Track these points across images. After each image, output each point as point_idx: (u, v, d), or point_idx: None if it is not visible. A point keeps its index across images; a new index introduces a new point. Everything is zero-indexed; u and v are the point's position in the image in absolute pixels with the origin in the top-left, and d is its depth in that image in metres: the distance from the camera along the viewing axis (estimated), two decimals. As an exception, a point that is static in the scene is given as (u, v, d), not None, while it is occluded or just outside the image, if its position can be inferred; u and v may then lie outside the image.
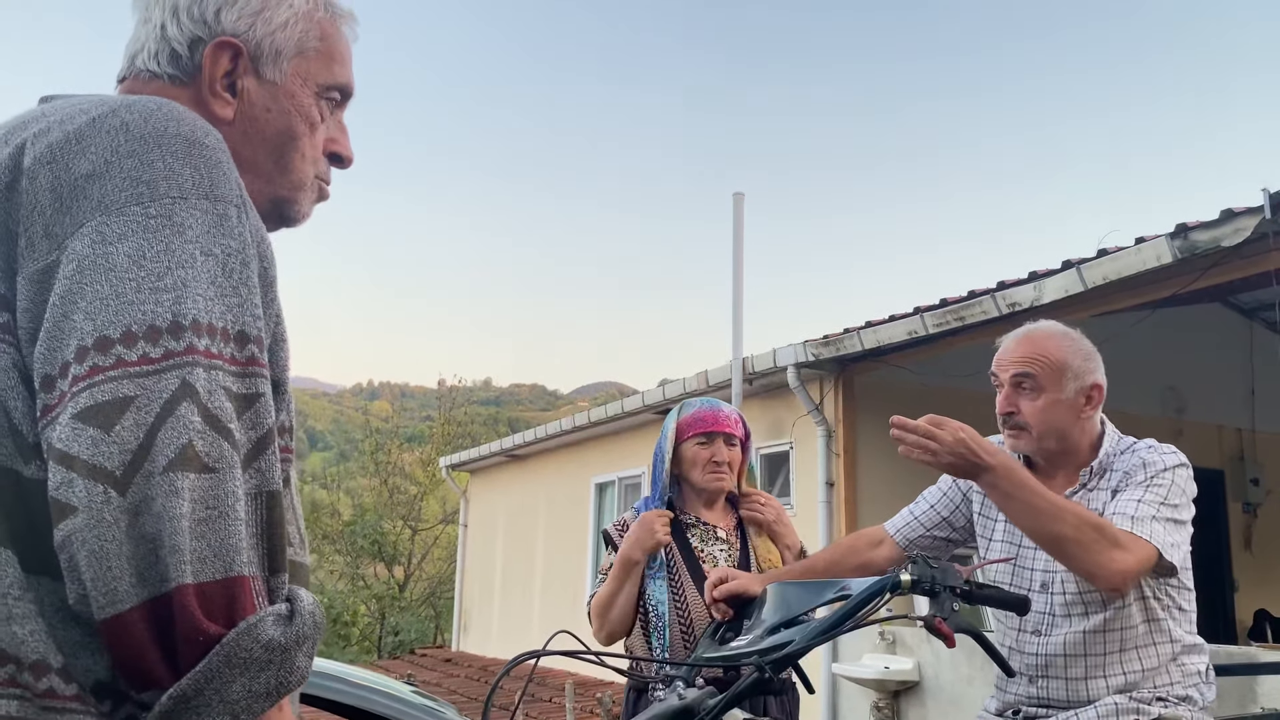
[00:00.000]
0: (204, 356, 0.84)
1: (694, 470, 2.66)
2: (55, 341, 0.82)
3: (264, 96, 1.07)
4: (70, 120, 0.90)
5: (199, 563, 0.80)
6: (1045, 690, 2.03)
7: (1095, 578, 1.87)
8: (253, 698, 0.82)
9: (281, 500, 0.90)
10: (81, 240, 0.84)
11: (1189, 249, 4.87)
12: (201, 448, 0.81)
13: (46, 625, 0.82)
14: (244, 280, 0.89)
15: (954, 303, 6.35)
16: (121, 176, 0.86)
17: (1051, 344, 2.06)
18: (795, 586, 1.95)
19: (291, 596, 0.89)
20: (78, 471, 0.78)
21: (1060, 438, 2.06)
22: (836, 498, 7.48)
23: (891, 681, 6.32)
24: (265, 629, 0.82)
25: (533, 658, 1.68)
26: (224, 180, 0.91)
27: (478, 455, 14.12)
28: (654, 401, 9.40)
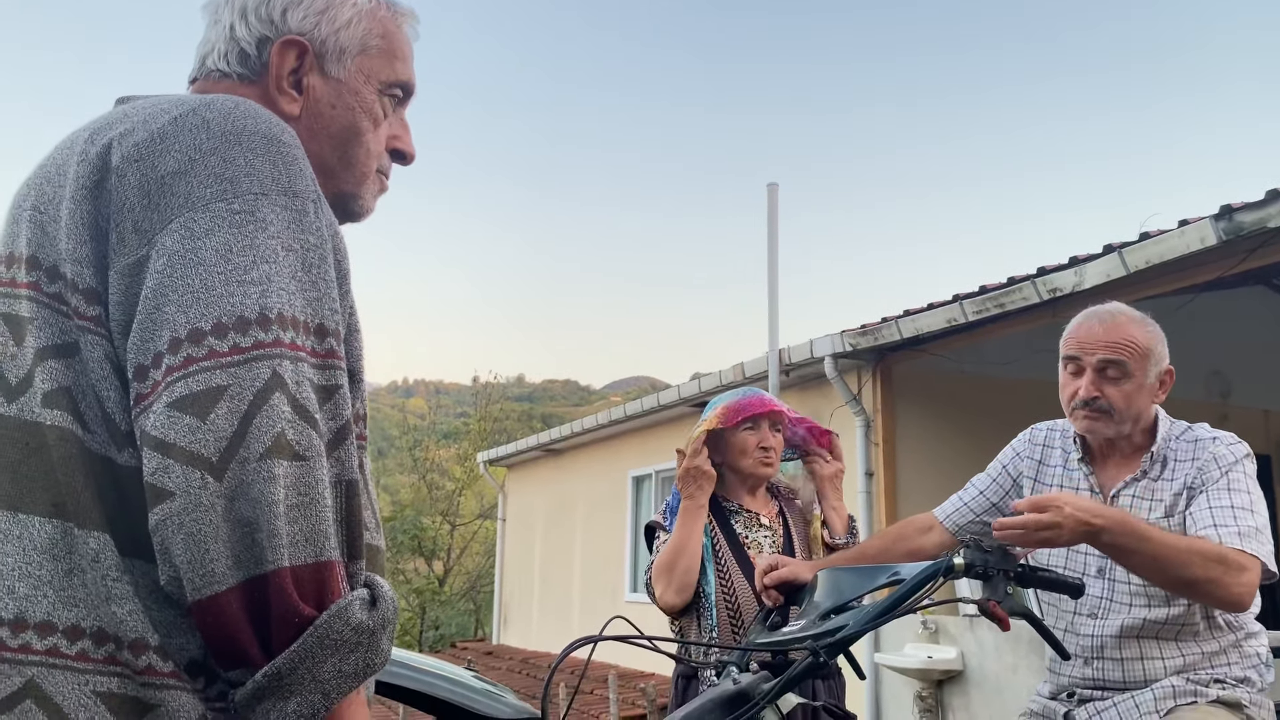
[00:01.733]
0: (289, 349, 0.86)
1: (743, 457, 2.67)
2: (148, 333, 0.85)
3: (329, 93, 1.10)
4: (154, 120, 0.93)
5: (293, 547, 0.83)
6: (1101, 672, 2.02)
7: (1226, 606, 1.90)
8: (342, 677, 0.85)
9: (359, 488, 0.93)
10: (171, 235, 0.87)
11: (1234, 231, 4.80)
12: (293, 436, 0.84)
13: (143, 605, 0.85)
14: (322, 274, 0.92)
15: (994, 289, 6.30)
16: (206, 173, 0.89)
17: (1136, 330, 2.06)
18: (847, 572, 1.96)
19: (370, 583, 0.92)
20: (174, 457, 0.81)
21: (1136, 421, 2.07)
22: (876, 488, 7.45)
23: (935, 671, 6.30)
24: (354, 612, 0.85)
25: (589, 643, 1.70)
26: (301, 176, 0.94)
27: (514, 450, 14.20)
28: (689, 394, 9.40)
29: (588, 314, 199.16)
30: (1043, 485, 2.20)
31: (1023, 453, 2.27)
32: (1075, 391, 2.06)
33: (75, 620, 0.84)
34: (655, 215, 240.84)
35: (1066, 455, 2.18)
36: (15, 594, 0.84)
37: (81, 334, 0.90)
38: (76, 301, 0.90)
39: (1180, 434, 2.08)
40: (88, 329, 0.90)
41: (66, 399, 0.89)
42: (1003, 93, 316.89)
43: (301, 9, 1.09)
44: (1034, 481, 2.22)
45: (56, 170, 0.96)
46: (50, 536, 0.86)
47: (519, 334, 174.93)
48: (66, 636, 0.84)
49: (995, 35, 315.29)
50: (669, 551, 2.55)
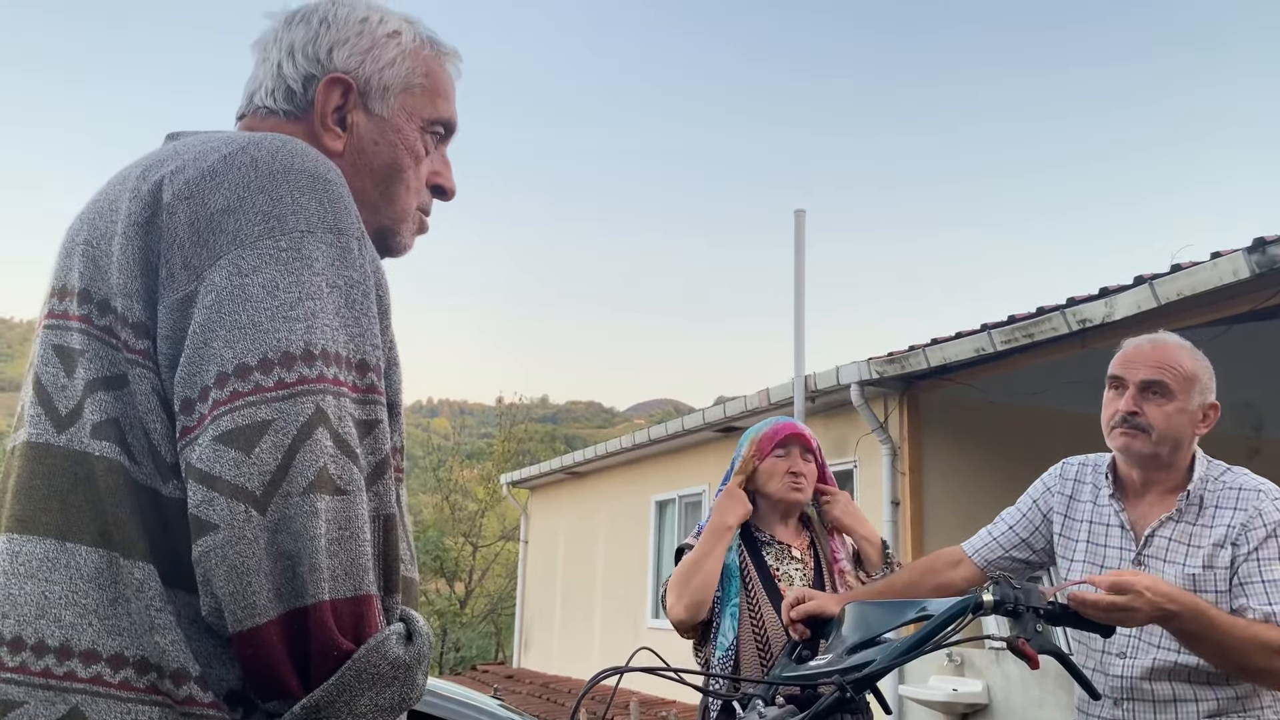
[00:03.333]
0: (332, 384, 0.88)
1: (771, 482, 2.66)
2: (195, 367, 0.87)
3: (372, 130, 1.12)
4: (204, 158, 0.96)
5: (333, 581, 0.84)
6: (1131, 713, 2.00)
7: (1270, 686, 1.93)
8: (378, 711, 0.86)
9: (396, 522, 0.94)
10: (219, 272, 0.89)
11: (1267, 264, 4.76)
12: (334, 471, 0.85)
13: (185, 636, 0.87)
14: (365, 310, 0.93)
15: (1023, 319, 6.26)
16: (254, 211, 0.91)
17: (1184, 355, 2.07)
18: (874, 606, 1.95)
19: (406, 617, 0.93)
20: (219, 490, 0.83)
21: (1175, 447, 2.04)
22: (902, 517, 7.39)
23: (960, 704, 6.22)
24: (391, 647, 0.87)
25: (616, 673, 1.69)
26: (346, 213, 0.96)
27: (538, 472, 14.20)
28: (714, 419, 9.39)
29: (612, 335, 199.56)
30: (1073, 521, 2.18)
31: (1053, 488, 2.25)
32: (1116, 410, 2.05)
33: (119, 649, 0.86)
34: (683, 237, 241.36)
35: (1098, 491, 2.16)
36: (61, 622, 0.86)
37: (130, 367, 0.92)
38: (126, 335, 0.92)
39: (1219, 475, 2.05)
40: (136, 362, 0.91)
41: (115, 430, 0.90)
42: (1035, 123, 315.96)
43: (347, 48, 1.11)
44: (1064, 518, 2.20)
45: (109, 206, 0.98)
46: (97, 565, 0.87)
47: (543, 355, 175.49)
48: (110, 665, 0.85)
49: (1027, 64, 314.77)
50: (687, 564, 2.55)
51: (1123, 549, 2.07)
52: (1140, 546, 2.04)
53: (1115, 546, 2.09)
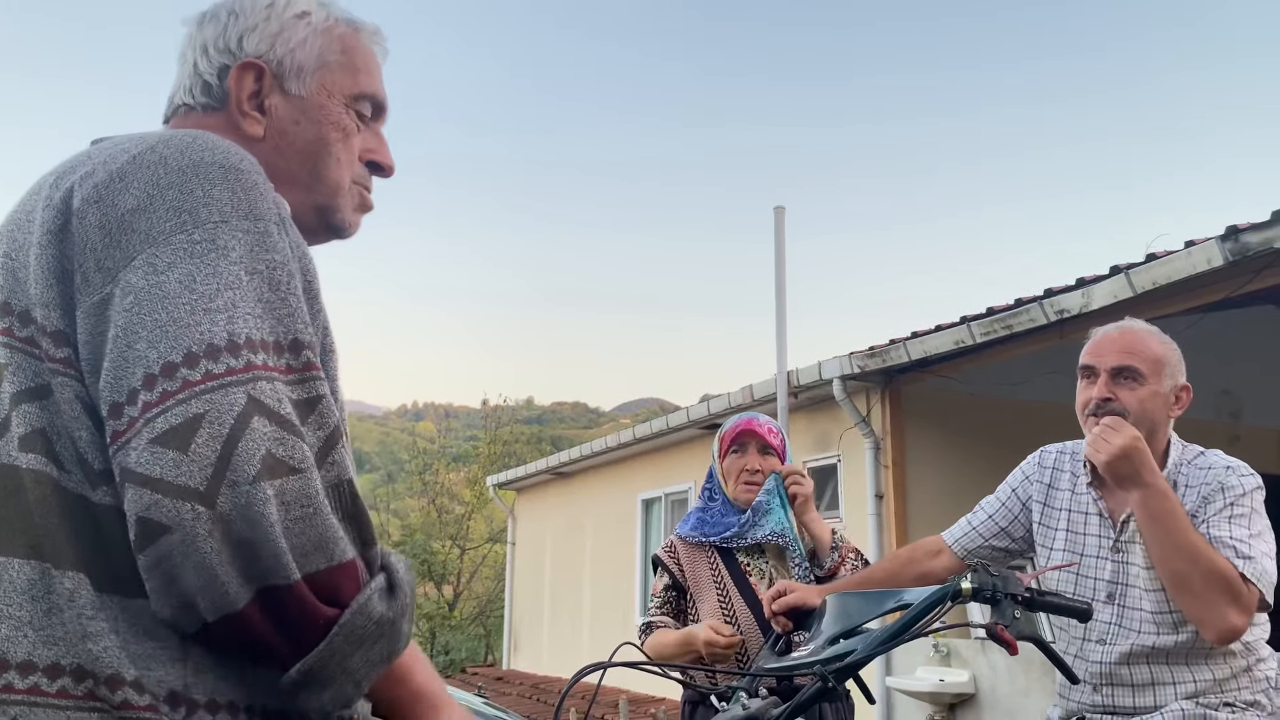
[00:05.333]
0: (263, 369, 0.88)
1: (729, 483, 2.69)
2: (121, 370, 0.87)
3: (291, 110, 1.13)
4: (113, 160, 0.96)
5: (303, 558, 0.85)
6: (1110, 698, 2.02)
7: (1205, 628, 1.91)
8: (370, 665, 0.91)
9: (357, 485, 0.95)
10: (134, 272, 0.89)
11: (1240, 251, 4.80)
12: (282, 453, 0.86)
13: (120, 641, 0.87)
14: (291, 291, 0.93)
15: (1001, 311, 6.30)
16: (165, 208, 0.91)
17: (1152, 340, 2.11)
18: (855, 597, 1.96)
19: (387, 566, 0.95)
20: (164, 492, 0.83)
21: (1150, 430, 2.06)
22: (886, 510, 7.43)
23: (947, 694, 6.26)
24: (374, 605, 0.89)
25: (598, 669, 1.70)
26: (261, 199, 0.96)
27: (524, 474, 14.19)
28: (698, 417, 9.40)
29: (597, 336, 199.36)
30: (1052, 509, 2.20)
31: (1032, 476, 2.27)
32: (1089, 398, 2.08)
33: (55, 658, 0.86)
34: (665, 237, 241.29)
35: (1076, 479, 2.18)
36: None
37: (53, 376, 0.91)
38: (47, 345, 0.92)
39: (1192, 459, 2.07)
40: (58, 371, 0.91)
41: (42, 441, 0.91)
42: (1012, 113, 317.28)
43: (256, 34, 1.13)
44: (1043, 506, 2.22)
45: (25, 216, 0.98)
46: (29, 578, 0.88)
47: (528, 356, 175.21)
48: (47, 675, 0.86)
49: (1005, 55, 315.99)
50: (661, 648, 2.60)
51: (1101, 536, 2.10)
52: (1118, 533, 2.07)
53: (1094, 534, 2.11)
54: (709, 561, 2.68)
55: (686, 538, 2.73)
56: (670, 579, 2.71)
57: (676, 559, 2.72)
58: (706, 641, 2.45)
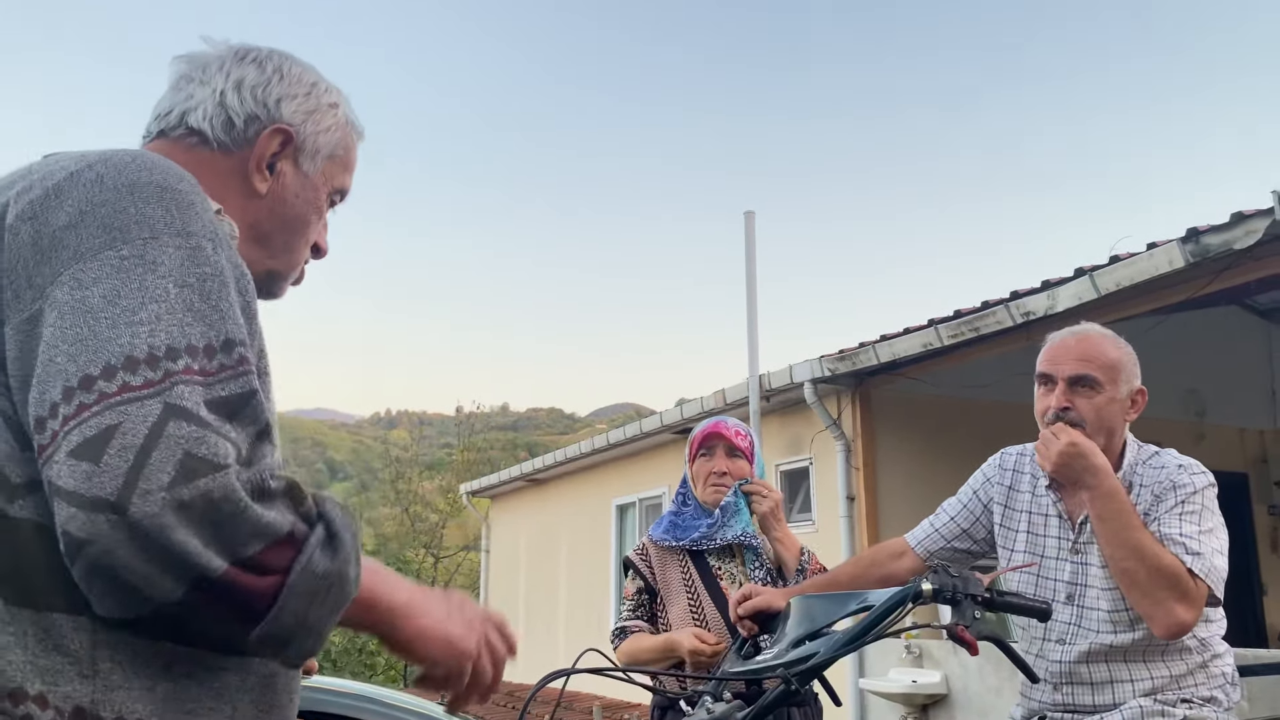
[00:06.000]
0: (185, 374, 0.88)
1: (696, 485, 2.71)
2: (44, 385, 0.86)
3: (295, 183, 1.19)
4: (50, 177, 0.96)
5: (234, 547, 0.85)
6: (1070, 697, 2.04)
7: (1153, 624, 1.93)
8: (329, 614, 0.93)
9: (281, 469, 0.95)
10: (61, 288, 0.88)
11: (1201, 253, 4.88)
12: (204, 452, 0.85)
13: (28, 655, 0.87)
14: (223, 297, 0.93)
15: (968, 314, 6.37)
16: (95, 224, 0.91)
17: (1107, 345, 2.12)
18: (819, 599, 1.97)
19: (324, 515, 0.94)
20: (79, 505, 0.82)
21: (1109, 436, 2.09)
22: (858, 512, 7.47)
23: (919, 695, 6.30)
24: (316, 562, 0.90)
25: (562, 676, 1.70)
26: (196, 218, 0.96)
27: (498, 481, 14.15)
28: (672, 421, 9.42)
29: (572, 341, 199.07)
30: (1012, 511, 2.22)
31: (993, 478, 2.29)
32: (1048, 406, 2.10)
33: None
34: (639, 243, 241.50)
35: (1036, 481, 2.20)
36: None
37: None
38: None
39: (1148, 459, 2.10)
40: None
41: None
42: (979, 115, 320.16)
43: (295, 104, 1.18)
44: (1004, 508, 2.24)
45: None
46: None
47: (503, 362, 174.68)
48: None
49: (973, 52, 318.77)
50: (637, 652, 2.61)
51: (1061, 538, 2.12)
52: (1077, 535, 2.09)
53: (1054, 536, 2.13)
54: (680, 565, 2.68)
55: (659, 541, 2.74)
56: (642, 582, 2.71)
57: (648, 562, 2.72)
58: (692, 650, 2.45)
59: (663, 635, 2.61)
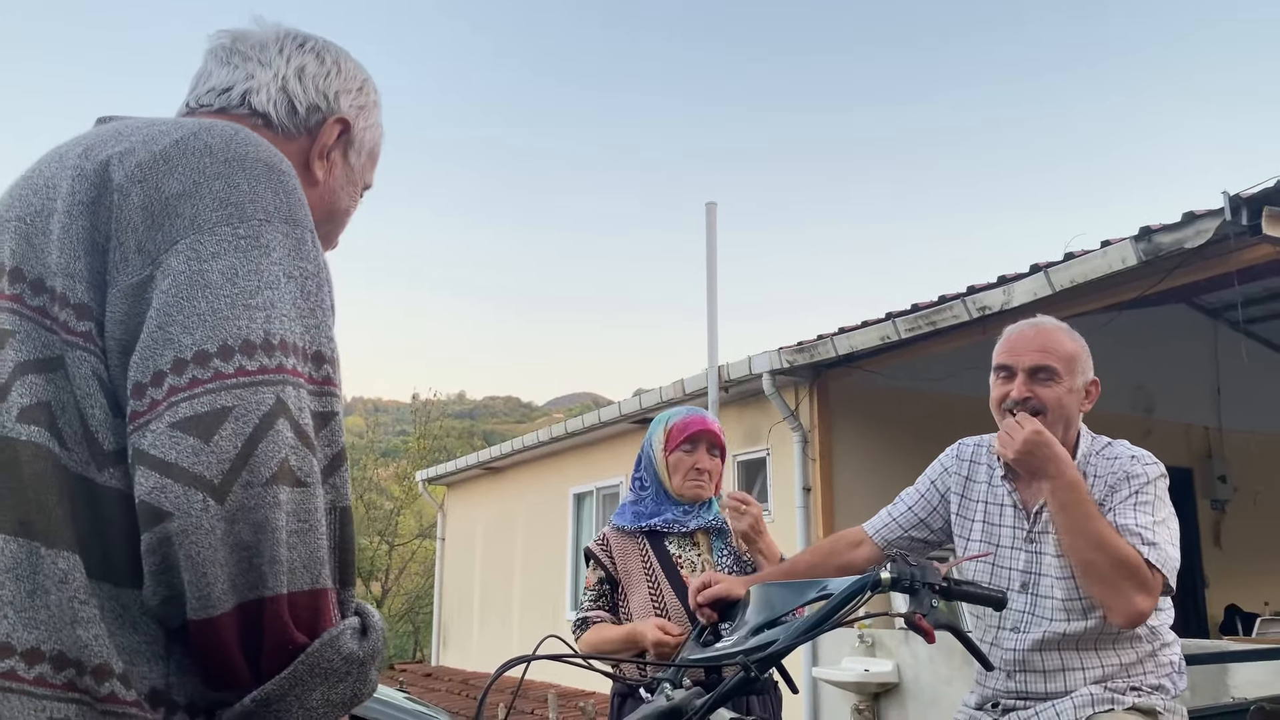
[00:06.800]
0: (292, 375, 0.87)
1: (675, 476, 2.70)
2: (151, 352, 0.85)
3: (342, 175, 1.20)
4: (155, 141, 0.94)
5: (291, 574, 0.83)
6: (1023, 684, 2.07)
7: (1112, 613, 1.96)
8: (329, 706, 0.86)
9: (353, 516, 0.94)
10: (177, 257, 0.87)
11: (1153, 251, 4.97)
12: (295, 462, 0.84)
13: (108, 630, 0.84)
14: (319, 303, 0.93)
15: (925, 308, 6.43)
16: (211, 197, 0.90)
17: (1063, 336, 2.17)
18: (778, 587, 1.98)
19: (361, 611, 0.93)
20: (174, 478, 0.80)
21: (1066, 426, 2.13)
22: (814, 502, 7.53)
23: (871, 684, 6.37)
24: (345, 642, 0.86)
25: (523, 662, 1.70)
26: (300, 206, 0.96)
27: (454, 469, 14.07)
28: (630, 411, 9.42)
29: (531, 330, 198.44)
30: (969, 501, 2.25)
31: (950, 468, 2.31)
32: (1007, 394, 2.12)
33: (35, 643, 0.82)
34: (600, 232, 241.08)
35: (992, 472, 2.23)
36: None
37: (68, 349, 0.89)
38: (65, 316, 0.89)
39: (1101, 449, 2.14)
40: (76, 344, 0.89)
41: (45, 415, 0.87)
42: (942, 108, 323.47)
43: (349, 98, 1.19)
44: (961, 498, 2.26)
45: (45, 184, 0.95)
46: (14, 556, 0.83)
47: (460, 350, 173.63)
48: (25, 660, 0.81)
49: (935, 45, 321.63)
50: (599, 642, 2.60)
51: (1015, 527, 2.15)
52: (1031, 524, 2.12)
53: (1009, 526, 2.16)
54: (640, 553, 2.68)
55: (625, 528, 2.73)
56: (604, 572, 2.71)
57: (609, 552, 2.72)
58: (656, 642, 2.44)
59: (625, 626, 2.60)
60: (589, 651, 2.57)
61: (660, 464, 2.74)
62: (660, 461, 2.74)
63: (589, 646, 2.60)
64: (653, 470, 2.75)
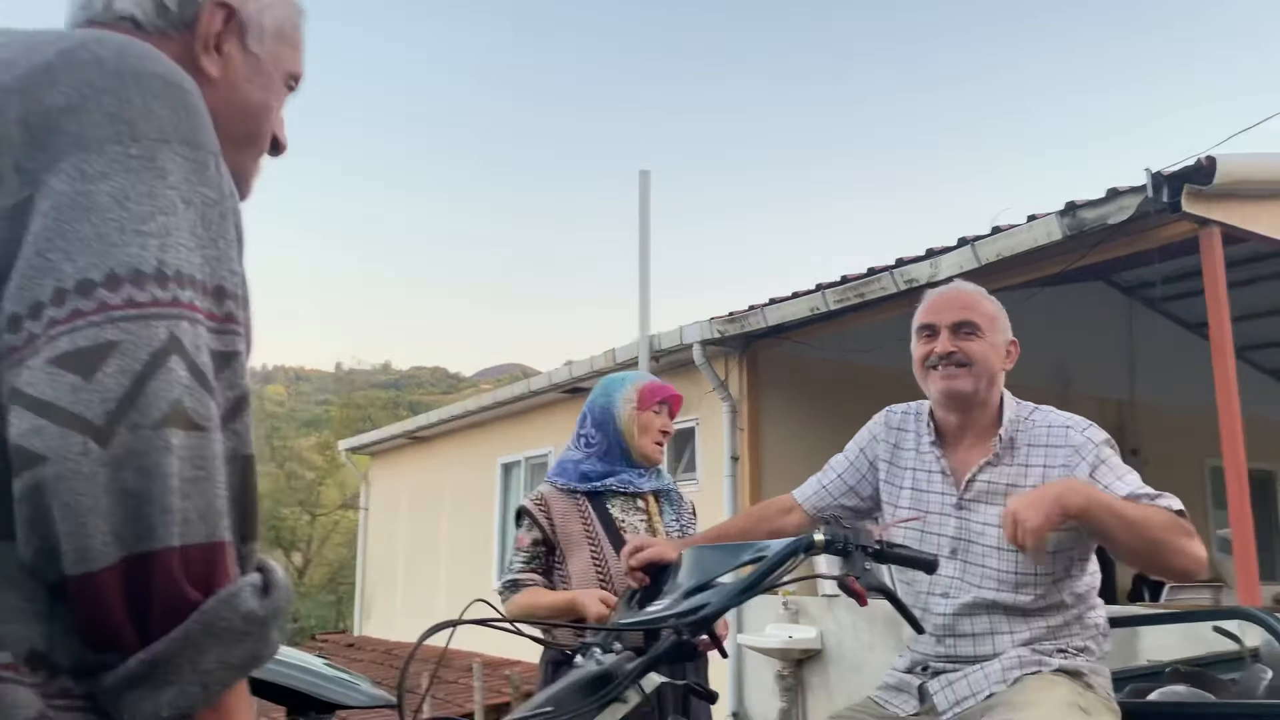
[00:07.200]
0: (188, 309, 0.80)
1: (644, 436, 2.67)
2: (29, 281, 0.77)
3: (245, 66, 1.07)
4: (36, 51, 0.85)
5: (185, 525, 0.76)
6: (953, 648, 2.09)
7: (1190, 574, 1.98)
8: (225, 669, 0.78)
9: (255, 464, 0.86)
10: (59, 177, 0.79)
11: (1077, 226, 5.07)
12: (190, 404, 0.77)
13: None
14: (222, 233, 0.85)
15: (854, 279, 6.49)
16: (100, 112, 0.82)
17: (983, 298, 2.23)
18: (711, 550, 1.96)
19: (263, 567, 0.85)
20: (51, 419, 0.73)
21: (990, 383, 2.15)
22: (741, 472, 7.59)
23: (795, 650, 6.47)
24: (245, 599, 0.79)
25: (449, 627, 1.64)
26: (204, 128, 0.88)
27: (379, 438, 13.88)
28: (561, 380, 9.37)
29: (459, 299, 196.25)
30: (896, 468, 2.25)
31: (879, 435, 2.31)
32: (931, 351, 2.15)
33: None
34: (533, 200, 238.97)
35: (920, 439, 2.24)
36: None
37: None
38: None
39: (1028, 415, 2.15)
40: None
41: None
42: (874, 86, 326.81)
43: None
44: (889, 465, 2.27)
45: None
46: None
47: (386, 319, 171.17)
48: None
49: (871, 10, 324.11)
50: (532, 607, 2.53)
51: (944, 494, 2.16)
52: (961, 491, 2.13)
53: (938, 492, 2.17)
54: (581, 516, 2.62)
55: (568, 487, 2.66)
56: (540, 534, 2.62)
57: (547, 512, 2.64)
58: (599, 616, 2.39)
59: (564, 593, 2.54)
60: (519, 616, 2.52)
61: (628, 421, 2.68)
62: (628, 418, 2.68)
63: (520, 610, 2.53)
64: (613, 428, 2.68)
